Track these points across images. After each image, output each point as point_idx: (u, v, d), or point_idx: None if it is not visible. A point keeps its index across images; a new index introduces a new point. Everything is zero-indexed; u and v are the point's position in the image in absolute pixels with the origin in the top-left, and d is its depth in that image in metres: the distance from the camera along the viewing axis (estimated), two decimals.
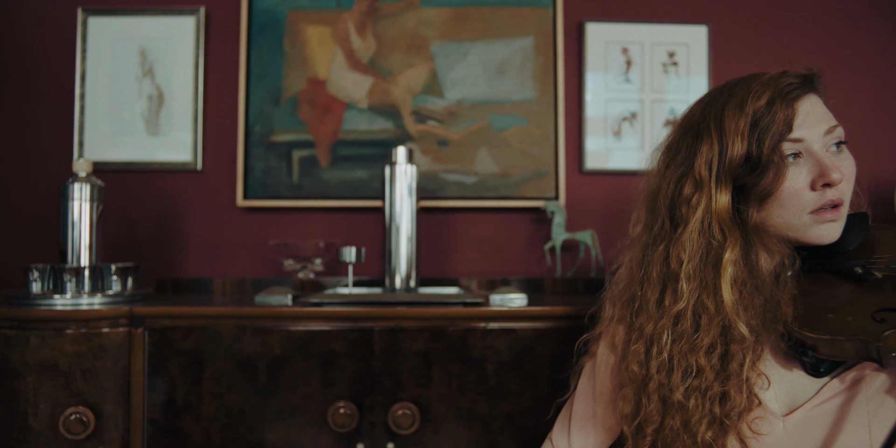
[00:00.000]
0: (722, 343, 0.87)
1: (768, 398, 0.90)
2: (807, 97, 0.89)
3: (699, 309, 0.88)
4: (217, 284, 1.88)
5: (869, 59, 2.08)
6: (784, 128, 0.85)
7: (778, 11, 2.06)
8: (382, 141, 1.94)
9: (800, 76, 0.89)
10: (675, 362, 0.88)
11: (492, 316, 1.35)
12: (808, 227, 0.87)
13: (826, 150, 0.87)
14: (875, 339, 0.78)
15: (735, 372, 0.86)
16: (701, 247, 0.89)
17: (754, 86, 0.89)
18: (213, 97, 1.99)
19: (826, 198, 0.85)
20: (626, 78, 2.01)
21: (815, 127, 0.87)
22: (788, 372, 0.91)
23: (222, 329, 1.34)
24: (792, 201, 0.86)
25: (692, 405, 0.86)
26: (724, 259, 0.87)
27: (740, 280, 0.87)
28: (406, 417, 1.31)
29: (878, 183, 2.04)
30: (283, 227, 1.98)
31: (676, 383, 0.88)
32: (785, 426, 0.88)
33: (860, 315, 0.81)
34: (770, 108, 0.86)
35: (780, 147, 0.85)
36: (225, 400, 1.33)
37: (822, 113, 0.89)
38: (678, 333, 0.89)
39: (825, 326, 0.82)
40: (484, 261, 1.97)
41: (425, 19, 1.97)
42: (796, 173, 0.86)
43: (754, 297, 0.88)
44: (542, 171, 1.95)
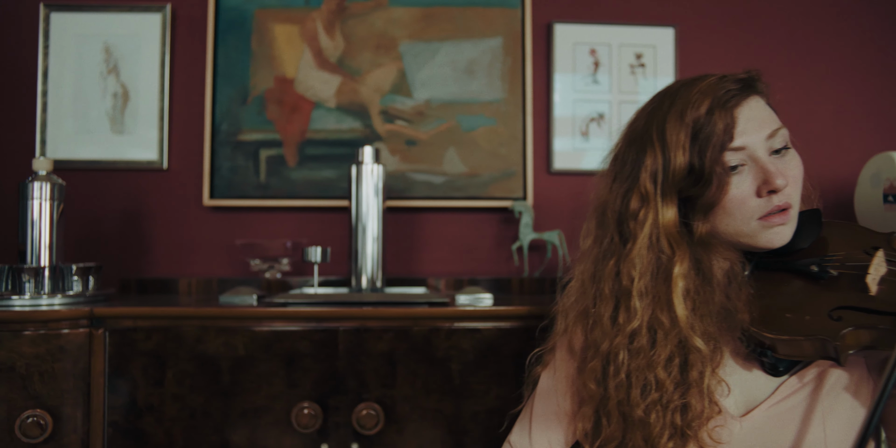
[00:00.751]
0: (680, 354, 0.86)
1: (727, 401, 0.90)
2: (747, 102, 0.88)
3: (654, 324, 0.87)
4: (183, 284, 1.87)
5: (832, 61, 2.11)
6: (725, 137, 0.84)
7: (744, 14, 2.09)
8: (351, 140, 1.94)
9: (739, 80, 0.89)
10: (633, 379, 0.87)
11: (457, 316, 1.36)
12: (758, 233, 0.87)
13: (770, 154, 0.87)
14: (833, 338, 0.78)
15: (695, 381, 0.86)
16: (651, 262, 0.88)
17: (694, 94, 0.87)
18: (179, 95, 1.97)
19: (772, 204, 0.85)
20: (594, 79, 2.03)
21: (757, 133, 0.86)
22: (747, 373, 0.91)
23: (185, 330, 1.33)
24: (739, 210, 0.86)
25: (653, 420, 0.86)
26: (675, 273, 0.86)
27: (693, 292, 0.87)
28: (370, 418, 1.31)
29: (841, 183, 2.08)
30: (250, 226, 1.96)
31: (636, 400, 0.87)
32: (742, 427, 0.88)
33: (817, 314, 0.82)
34: (710, 118, 0.85)
35: (722, 157, 0.85)
36: (187, 401, 1.32)
37: (764, 117, 0.89)
38: (634, 351, 0.88)
39: (783, 327, 0.82)
40: (452, 261, 1.97)
41: (394, 19, 1.97)
42: (740, 182, 0.86)
43: (709, 306, 0.87)
44: (510, 172, 1.95)
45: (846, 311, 0.81)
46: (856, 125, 2.10)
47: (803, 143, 2.10)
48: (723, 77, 0.89)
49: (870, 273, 0.83)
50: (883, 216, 1.70)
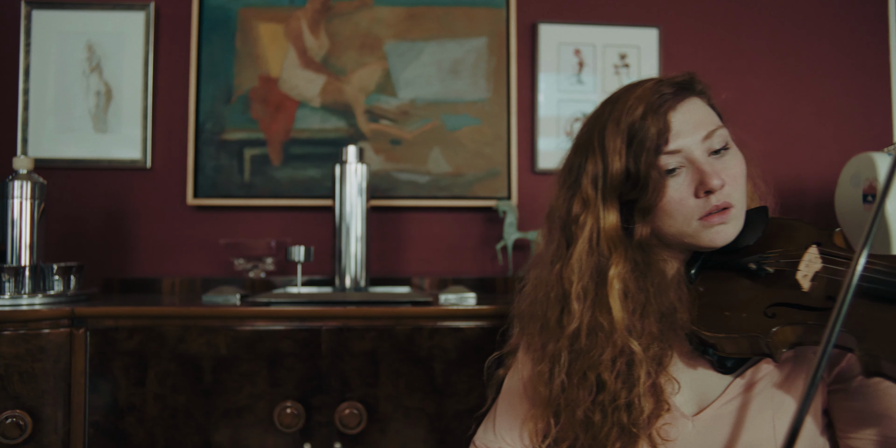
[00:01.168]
0: (625, 355, 0.87)
1: (679, 400, 0.91)
2: (683, 104, 0.89)
3: (595, 326, 0.89)
4: (166, 284, 1.86)
5: (814, 61, 2.13)
6: (659, 141, 0.86)
7: (727, 15, 2.11)
8: (335, 140, 1.93)
9: (675, 84, 0.90)
10: (575, 380, 0.89)
11: (439, 315, 1.36)
12: (700, 233, 0.88)
13: (708, 155, 0.88)
14: (765, 335, 0.79)
15: (642, 380, 0.87)
16: (590, 266, 0.90)
17: (630, 100, 0.89)
18: (163, 94, 1.96)
19: (711, 203, 0.86)
20: (578, 79, 2.04)
21: (692, 135, 0.87)
22: (698, 372, 0.92)
23: (167, 329, 1.32)
24: (678, 211, 0.87)
25: (598, 420, 0.87)
26: (610, 275, 0.88)
27: (632, 293, 0.88)
28: (353, 417, 1.31)
29: (822, 183, 2.10)
30: (234, 226, 1.96)
31: (580, 400, 0.88)
32: (694, 426, 0.89)
33: (753, 311, 0.83)
34: (643, 123, 0.86)
35: (658, 160, 0.86)
36: (169, 401, 1.32)
37: (700, 118, 0.89)
38: (575, 352, 0.89)
39: (721, 325, 0.83)
40: (437, 260, 1.98)
41: (379, 18, 1.97)
42: (678, 184, 0.87)
43: (651, 307, 0.88)
44: (494, 171, 1.96)
45: (780, 307, 0.82)
46: (837, 125, 2.13)
47: (785, 142, 2.14)
48: (659, 81, 0.90)
49: (800, 270, 0.84)
50: (863, 216, 1.72)
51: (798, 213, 2.09)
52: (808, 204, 2.10)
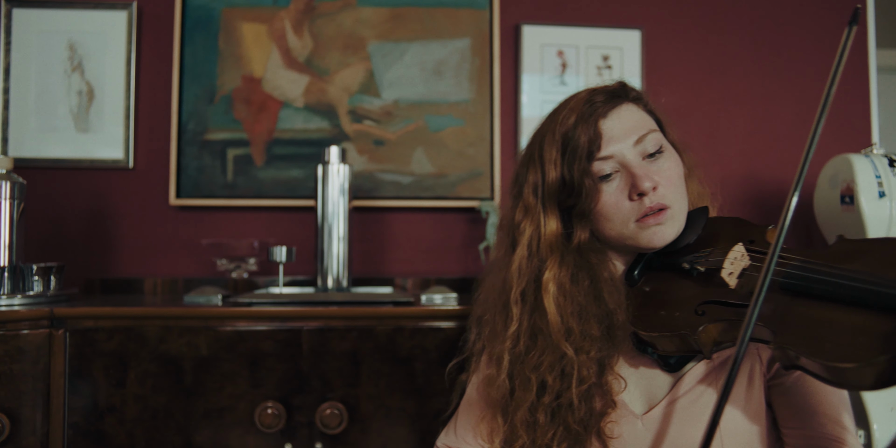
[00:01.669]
0: (565, 357, 0.89)
1: (629, 398, 0.93)
2: (616, 111, 0.92)
3: (534, 329, 0.92)
4: (148, 284, 1.85)
5: (795, 63, 2.16)
6: (592, 148, 0.89)
7: (709, 18, 2.13)
8: (318, 140, 1.94)
9: (607, 92, 0.94)
10: (518, 382, 0.92)
11: (420, 315, 1.37)
12: (638, 235, 0.90)
13: (642, 159, 0.91)
14: (693, 333, 0.81)
15: (584, 381, 0.89)
16: (530, 271, 0.94)
17: (564, 111, 0.93)
18: (145, 94, 1.95)
19: (645, 205, 0.89)
20: (561, 80, 2.05)
21: (623, 141, 0.90)
22: (647, 371, 0.94)
23: (147, 330, 1.32)
24: (615, 214, 0.90)
25: (543, 420, 0.90)
26: (545, 279, 0.92)
27: (569, 296, 0.91)
28: (334, 417, 1.31)
29: (802, 184, 2.11)
30: (217, 226, 1.95)
31: (524, 402, 0.91)
32: (644, 424, 0.91)
33: (686, 310, 0.85)
34: (575, 132, 0.90)
35: (591, 167, 0.90)
36: (150, 401, 1.31)
37: (633, 124, 0.92)
38: (516, 355, 0.93)
39: (657, 324, 0.86)
40: (420, 260, 1.98)
41: (362, 19, 1.97)
42: (611, 188, 0.90)
43: (591, 309, 0.91)
44: (477, 172, 1.97)
45: (710, 305, 0.83)
46: None
47: (765, 143, 2.15)
48: (592, 91, 0.94)
49: (724, 267, 0.86)
50: (840, 217, 1.74)
51: (777, 214, 2.11)
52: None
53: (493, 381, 0.95)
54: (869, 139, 2.16)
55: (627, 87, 0.97)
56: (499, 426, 0.96)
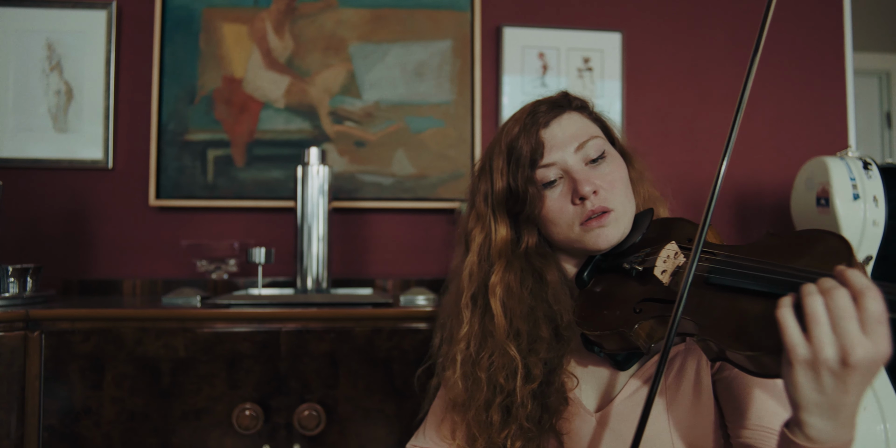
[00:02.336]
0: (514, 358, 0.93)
1: (583, 396, 0.96)
2: (558, 120, 0.96)
3: (485, 332, 0.96)
4: (127, 286, 1.84)
5: (774, 67, 2.18)
6: (534, 156, 0.93)
7: (689, 20, 2.15)
8: (299, 141, 1.93)
9: (549, 102, 0.98)
10: (469, 383, 0.95)
11: (399, 316, 1.37)
12: (583, 238, 0.93)
13: (585, 164, 0.94)
14: (629, 330, 0.84)
15: (537, 379, 0.92)
16: (480, 275, 0.98)
17: (510, 123, 0.98)
18: (125, 94, 1.94)
19: (587, 209, 0.91)
20: (542, 82, 2.06)
21: (565, 148, 0.94)
22: (597, 369, 0.97)
23: (124, 331, 1.32)
24: (560, 218, 0.94)
25: (497, 420, 0.93)
26: (492, 282, 0.96)
27: (517, 299, 0.95)
28: (312, 418, 1.31)
29: (779, 186, 2.14)
30: (197, 227, 1.94)
31: (476, 402, 0.94)
32: (598, 422, 0.93)
33: (625, 308, 0.87)
34: (518, 142, 0.94)
35: (535, 175, 0.94)
36: (126, 404, 1.31)
37: (574, 131, 0.95)
38: (468, 356, 0.96)
39: (600, 323, 0.88)
40: (401, 261, 1.99)
41: (343, 20, 1.97)
42: (555, 194, 0.94)
43: (538, 311, 0.94)
44: (458, 173, 1.97)
45: (646, 303, 0.86)
46: (795, 129, 2.17)
47: (745, 145, 2.17)
48: (537, 102, 0.99)
49: (657, 265, 0.88)
50: (816, 219, 1.76)
51: (755, 215, 2.14)
52: (766, 206, 2.14)
53: (448, 382, 0.98)
54: (846, 141, 2.19)
55: (570, 96, 1.00)
56: (458, 426, 0.99)
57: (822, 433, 0.66)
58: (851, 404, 0.65)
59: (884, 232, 1.70)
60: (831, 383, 0.64)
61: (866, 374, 0.64)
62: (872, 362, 0.63)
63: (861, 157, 1.76)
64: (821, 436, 0.67)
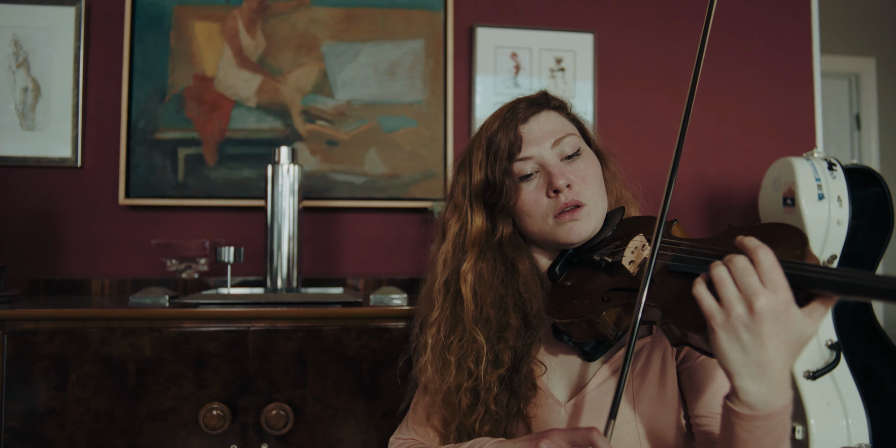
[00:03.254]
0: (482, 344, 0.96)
1: (553, 387, 0.98)
2: (536, 117, 1.00)
3: (455, 317, 1.00)
4: (95, 285, 1.82)
5: (744, 68, 2.21)
6: (513, 150, 0.97)
7: (661, 23, 2.17)
8: (271, 140, 1.93)
9: (529, 100, 1.02)
10: (440, 366, 0.99)
11: (367, 315, 1.37)
12: (556, 230, 0.96)
13: (561, 160, 0.98)
14: (597, 317, 0.87)
15: (504, 365, 0.95)
16: (454, 262, 1.02)
17: (490, 118, 1.03)
18: (94, 91, 1.92)
19: (561, 202, 0.95)
20: (515, 82, 2.07)
21: (542, 143, 0.97)
22: (566, 359, 0.99)
23: (89, 331, 1.30)
24: (535, 211, 0.97)
25: (466, 404, 0.96)
26: (463, 269, 0.99)
27: (487, 286, 0.98)
28: (280, 418, 1.31)
29: (748, 186, 2.17)
30: (168, 226, 1.93)
31: (446, 384, 0.97)
32: (566, 411, 0.96)
33: (594, 297, 0.91)
34: (497, 136, 0.98)
35: (513, 168, 0.97)
36: (91, 404, 1.30)
37: (551, 128, 0.99)
38: (439, 341, 1.00)
39: (568, 311, 0.91)
40: (373, 261, 1.98)
41: (316, 19, 1.96)
42: (531, 187, 0.97)
43: (508, 300, 0.98)
44: (431, 173, 1.98)
45: (614, 292, 0.90)
46: (764, 130, 2.20)
47: (715, 146, 2.20)
48: (517, 100, 1.03)
49: (625, 255, 0.92)
50: (783, 218, 1.79)
51: (726, 214, 2.16)
52: (736, 205, 2.17)
53: (420, 366, 1.02)
54: (813, 142, 2.22)
55: (549, 96, 1.04)
56: (432, 409, 1.02)
57: (756, 397, 0.70)
58: (774, 361, 0.69)
59: (847, 231, 1.73)
60: (749, 339, 0.69)
61: (776, 323, 0.68)
62: (776, 310, 0.68)
63: (826, 158, 1.79)
64: (756, 400, 0.70)
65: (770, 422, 0.71)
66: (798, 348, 0.70)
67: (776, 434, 0.72)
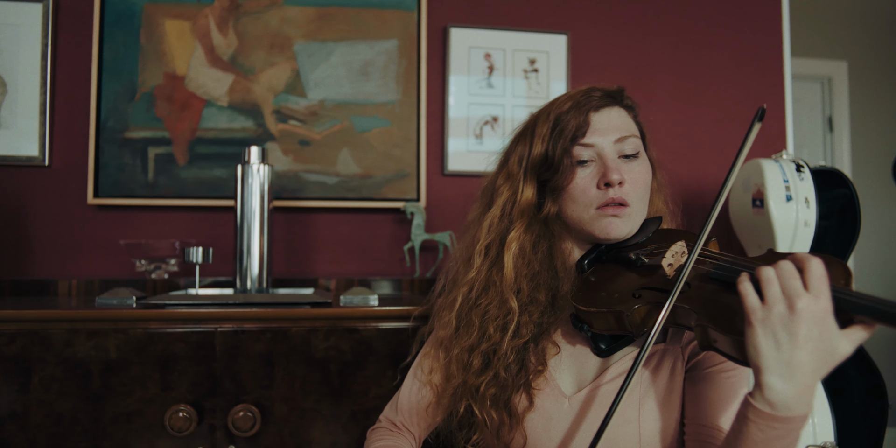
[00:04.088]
0: (510, 311, 0.99)
1: (560, 378, 0.99)
2: (607, 109, 1.00)
3: (489, 282, 1.02)
4: (62, 286, 1.80)
5: (715, 71, 2.23)
6: (577, 133, 0.98)
7: (634, 24, 2.18)
8: (243, 139, 1.91)
9: (604, 91, 1.02)
10: (463, 324, 1.02)
11: (336, 316, 1.36)
12: (595, 221, 0.97)
13: (618, 157, 0.99)
14: (628, 310, 0.89)
15: (524, 337, 0.98)
16: (499, 229, 1.03)
17: (563, 98, 1.03)
18: (62, 89, 1.89)
19: (608, 196, 0.96)
20: (488, 82, 2.07)
21: (607, 135, 0.98)
22: (579, 351, 1.01)
23: (53, 333, 1.28)
24: (581, 197, 0.98)
25: (477, 365, 0.99)
26: (510, 237, 1.01)
27: (527, 259, 1.01)
28: (247, 419, 1.30)
29: (719, 187, 2.18)
30: (138, 226, 1.91)
31: (464, 343, 1.01)
32: (570, 404, 0.97)
33: (625, 292, 0.93)
34: (566, 116, 0.99)
35: (573, 149, 0.98)
36: (55, 407, 1.28)
37: (618, 124, 1.00)
38: (468, 300, 1.03)
39: (596, 301, 0.93)
40: (346, 261, 1.98)
41: (289, 18, 1.95)
42: (584, 173, 0.98)
43: (541, 277, 1.01)
44: (403, 173, 1.97)
45: (647, 290, 0.91)
46: (735, 131, 2.22)
47: (687, 146, 2.21)
48: (592, 87, 1.03)
49: (665, 257, 0.93)
50: (752, 219, 1.81)
51: (697, 215, 2.18)
52: (708, 206, 2.18)
53: (442, 321, 1.05)
54: (784, 144, 2.25)
55: (625, 94, 1.05)
56: (439, 364, 1.05)
57: (780, 396, 0.72)
58: (804, 364, 0.71)
59: (815, 232, 1.75)
60: (784, 337, 0.71)
61: (812, 327, 0.71)
62: (815, 314, 0.71)
63: (794, 160, 1.81)
64: (778, 399, 0.72)
65: (785, 426, 0.73)
66: (830, 361, 0.72)
67: (786, 442, 0.74)
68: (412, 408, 1.10)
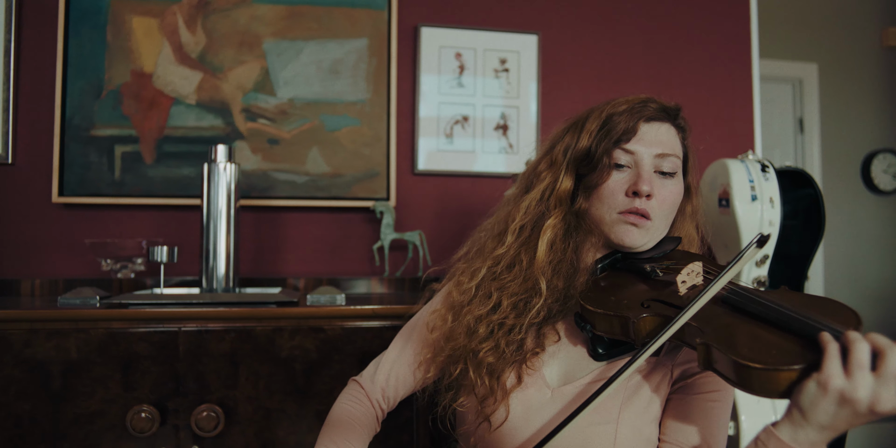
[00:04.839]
0: (529, 290, 1.01)
1: (547, 372, 1.02)
2: (658, 123, 1.02)
3: (515, 260, 1.04)
4: (25, 286, 1.77)
5: (684, 72, 2.25)
6: (623, 137, 0.99)
7: (604, 25, 2.19)
8: (211, 138, 1.90)
9: (661, 105, 1.06)
10: (480, 293, 1.05)
11: (301, 315, 1.36)
12: (614, 225, 1.00)
13: (654, 171, 1.00)
14: (635, 318, 0.90)
15: (534, 318, 1.01)
16: (536, 212, 1.05)
17: (620, 99, 1.06)
18: (26, 86, 1.87)
19: (633, 204, 0.98)
20: (459, 82, 2.07)
21: (649, 147, 1.00)
22: (575, 349, 1.03)
23: (11, 333, 1.27)
24: (609, 198, 1.00)
25: (482, 332, 1.01)
26: (547, 223, 1.03)
27: (556, 246, 1.02)
28: (210, 419, 1.29)
29: None
30: (104, 225, 1.89)
31: (476, 310, 1.03)
32: (553, 396, 0.99)
33: (634, 300, 0.94)
34: (618, 118, 1.01)
35: (613, 152, 1.00)
36: (13, 409, 1.26)
37: (664, 139, 1.02)
38: (492, 273, 1.05)
39: (603, 303, 0.95)
40: (316, 260, 1.97)
41: (258, 16, 1.94)
42: (618, 177, 1.00)
43: (564, 264, 1.02)
44: (373, 172, 1.97)
45: (656, 302, 0.93)
46: (705, 131, 2.24)
47: None
48: (651, 98, 1.06)
49: (680, 274, 0.96)
50: (718, 219, 1.83)
51: None
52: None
53: (461, 287, 1.07)
54: (752, 144, 2.28)
55: (681, 114, 1.08)
56: (445, 324, 1.07)
57: (808, 438, 0.75)
58: (841, 430, 0.74)
59: (780, 232, 1.77)
60: (846, 416, 0.72)
61: (881, 416, 0.71)
62: (890, 413, 0.71)
63: (760, 160, 1.83)
64: (806, 440, 0.75)
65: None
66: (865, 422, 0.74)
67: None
68: (397, 372, 1.11)
